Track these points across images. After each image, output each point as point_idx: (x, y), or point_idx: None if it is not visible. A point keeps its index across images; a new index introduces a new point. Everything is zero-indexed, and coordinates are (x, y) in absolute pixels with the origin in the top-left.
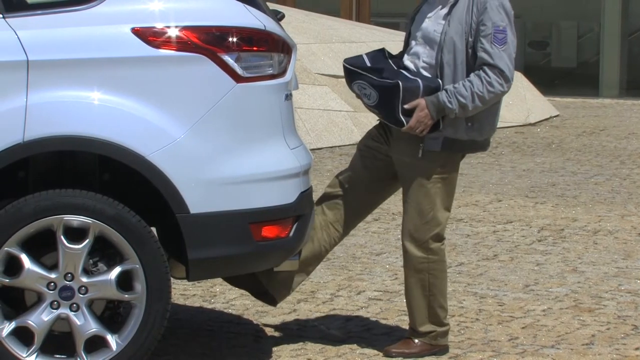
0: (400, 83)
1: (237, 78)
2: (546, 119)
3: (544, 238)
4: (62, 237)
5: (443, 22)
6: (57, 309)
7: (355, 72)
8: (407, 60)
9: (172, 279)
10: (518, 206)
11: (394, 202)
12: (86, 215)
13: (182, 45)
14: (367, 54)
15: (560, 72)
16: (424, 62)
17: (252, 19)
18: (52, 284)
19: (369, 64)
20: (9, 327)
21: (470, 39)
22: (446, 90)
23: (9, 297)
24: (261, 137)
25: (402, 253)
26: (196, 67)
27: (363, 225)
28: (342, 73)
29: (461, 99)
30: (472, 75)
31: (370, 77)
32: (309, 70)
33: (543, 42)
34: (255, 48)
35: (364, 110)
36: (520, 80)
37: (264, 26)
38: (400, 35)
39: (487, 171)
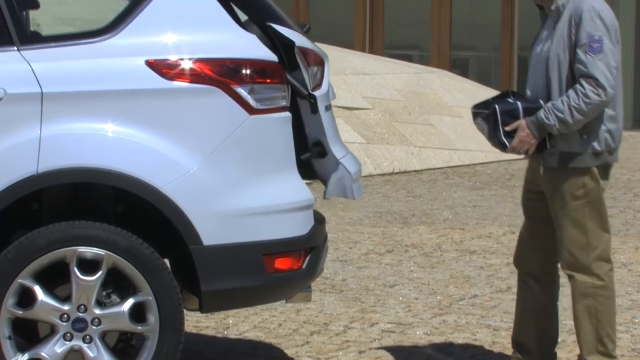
0: (497, 107)
1: (251, 110)
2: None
3: None
4: (76, 269)
5: (549, 39)
6: (70, 340)
7: (473, 112)
8: (527, 87)
9: (185, 310)
10: None
11: (407, 234)
12: (99, 247)
13: (195, 77)
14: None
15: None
16: (533, 81)
17: (265, 51)
18: (65, 315)
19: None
20: (22, 359)
21: (572, 53)
22: (545, 108)
23: (23, 328)
24: (274, 169)
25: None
26: (210, 99)
27: (376, 257)
28: (355, 104)
29: (559, 114)
30: (570, 89)
31: (479, 111)
32: None
33: None
34: (268, 80)
35: (377, 142)
36: None
37: (277, 58)
38: (413, 67)
39: (501, 203)
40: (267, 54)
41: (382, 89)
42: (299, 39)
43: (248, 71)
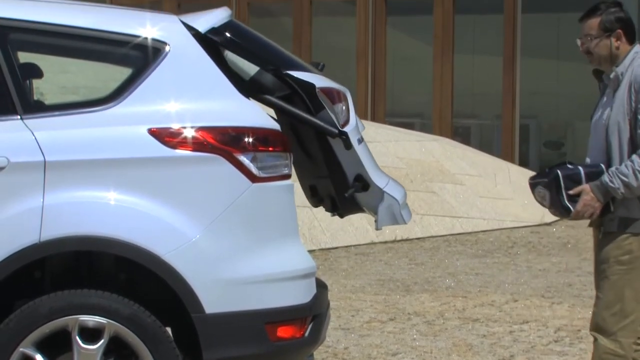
0: (559, 172)
1: (253, 178)
2: (562, 219)
3: (561, 338)
4: (77, 338)
5: (608, 107)
6: None
7: (531, 183)
8: (587, 155)
9: None
10: (534, 306)
11: (410, 302)
12: (101, 315)
13: (198, 145)
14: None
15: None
16: (594, 147)
17: (267, 119)
18: None
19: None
20: None
21: (632, 119)
22: (609, 172)
23: None
24: (277, 237)
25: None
26: (212, 167)
27: (378, 325)
28: None
29: (623, 178)
30: (634, 154)
31: (539, 180)
32: None
33: (558, 142)
34: (270, 148)
35: None
36: None
37: (279, 127)
38: (415, 135)
39: (503, 271)
40: (269, 122)
41: (384, 156)
42: (318, 80)
43: (250, 139)
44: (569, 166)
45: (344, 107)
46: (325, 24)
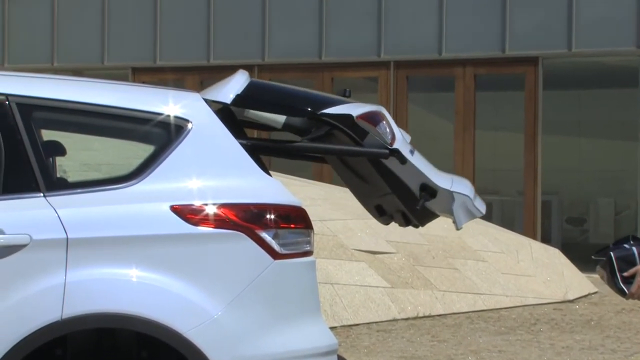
0: (612, 254)
1: (275, 255)
2: (585, 296)
3: None
4: None
5: None
6: None
7: (593, 259)
8: None
9: None
10: None
11: None
12: None
13: (220, 222)
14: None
15: (598, 248)
16: None
17: (289, 196)
18: None
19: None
20: None
21: None
22: None
23: None
24: (298, 314)
25: None
26: (234, 244)
27: None
28: (379, 249)
29: None
30: None
31: (598, 258)
32: (346, 246)
33: (580, 219)
34: (292, 225)
35: (402, 287)
36: (558, 257)
37: (301, 203)
38: None
39: (526, 348)
40: (291, 199)
41: (406, 233)
42: (353, 109)
43: (272, 216)
44: (626, 246)
45: (386, 126)
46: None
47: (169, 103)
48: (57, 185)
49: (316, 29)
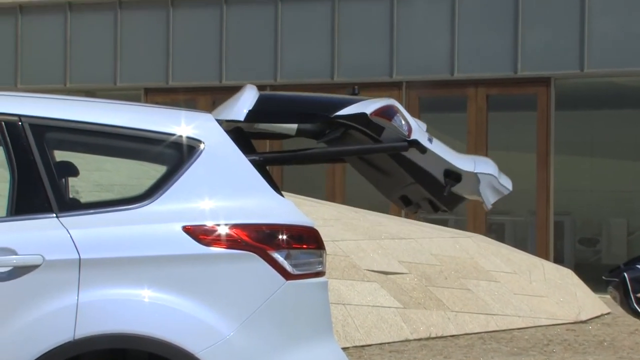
0: (626, 275)
1: (287, 275)
2: (598, 317)
3: None
4: None
5: None
6: None
7: (605, 280)
8: None
9: None
10: None
11: None
12: None
13: (232, 243)
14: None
15: (610, 268)
16: None
17: (302, 216)
18: None
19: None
20: None
21: None
22: None
23: None
24: (310, 334)
25: None
26: (246, 265)
27: None
28: (391, 269)
29: None
30: None
31: (610, 279)
32: (358, 266)
33: (593, 239)
34: (304, 246)
35: (414, 307)
36: (570, 278)
37: (313, 224)
38: (449, 231)
39: None
40: (303, 220)
41: (418, 253)
42: (364, 106)
43: (284, 237)
44: (638, 267)
45: (401, 118)
46: None
47: (181, 124)
48: (70, 205)
49: (328, 49)
